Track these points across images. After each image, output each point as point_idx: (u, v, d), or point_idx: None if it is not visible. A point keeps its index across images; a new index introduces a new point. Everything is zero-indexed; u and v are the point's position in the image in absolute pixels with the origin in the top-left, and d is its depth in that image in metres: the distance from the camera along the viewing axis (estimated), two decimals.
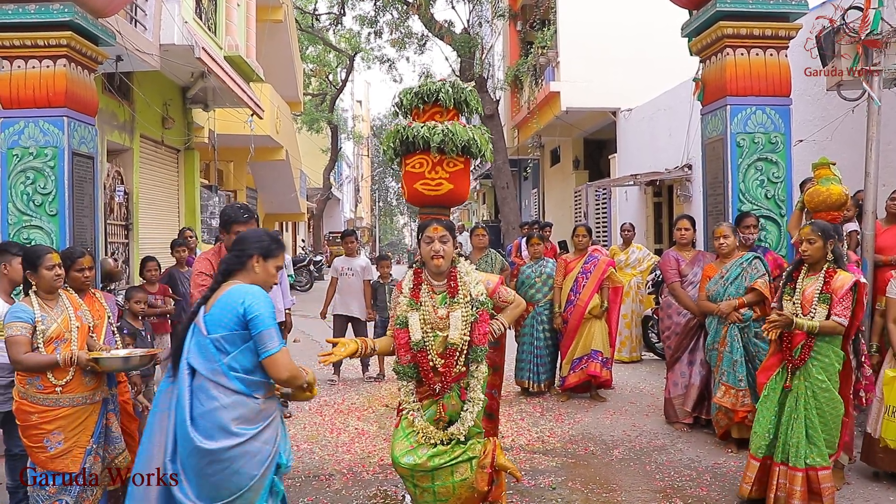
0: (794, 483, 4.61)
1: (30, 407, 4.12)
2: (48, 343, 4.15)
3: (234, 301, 3.16)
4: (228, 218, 4.56)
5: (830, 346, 4.63)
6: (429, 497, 4.00)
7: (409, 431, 3.99)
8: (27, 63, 6.05)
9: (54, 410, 4.14)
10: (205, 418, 3.11)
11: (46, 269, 4.21)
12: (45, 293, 4.25)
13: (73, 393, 4.17)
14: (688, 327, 6.59)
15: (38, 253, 4.27)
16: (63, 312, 4.27)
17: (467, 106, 5.69)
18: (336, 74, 31.47)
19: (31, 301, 4.20)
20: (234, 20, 13.22)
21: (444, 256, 4.02)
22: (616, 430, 6.69)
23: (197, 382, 3.15)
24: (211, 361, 3.14)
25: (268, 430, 3.25)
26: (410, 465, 3.92)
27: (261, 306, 3.17)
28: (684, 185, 12.44)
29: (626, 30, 15.09)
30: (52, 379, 4.12)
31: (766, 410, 4.79)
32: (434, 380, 3.98)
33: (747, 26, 6.40)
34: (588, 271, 7.78)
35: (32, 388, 4.12)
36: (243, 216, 4.56)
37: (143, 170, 11.28)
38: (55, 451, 4.13)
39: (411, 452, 3.93)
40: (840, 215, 5.68)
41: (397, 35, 18.95)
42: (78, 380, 4.19)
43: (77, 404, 4.19)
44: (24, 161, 6.08)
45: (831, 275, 4.64)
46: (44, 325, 4.15)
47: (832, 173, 5.62)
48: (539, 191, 23.05)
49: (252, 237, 3.43)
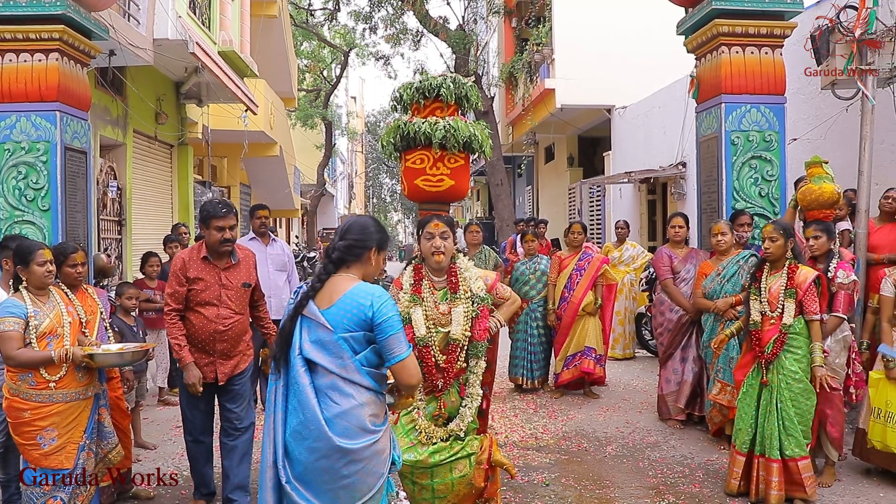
0: (770, 473, 4.72)
1: (22, 404, 4.08)
2: (41, 338, 4.12)
3: (362, 302, 2.93)
4: (207, 213, 4.63)
5: (802, 338, 4.77)
6: (427, 494, 3.99)
7: (410, 429, 3.99)
8: (19, 56, 6.01)
9: (48, 406, 4.10)
10: (343, 417, 2.90)
11: (38, 266, 4.18)
12: (36, 289, 4.22)
13: (66, 388, 4.14)
14: (680, 324, 6.60)
15: (29, 249, 4.23)
16: (55, 308, 4.24)
17: (468, 101, 5.67)
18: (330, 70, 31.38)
19: (23, 296, 4.16)
20: (229, 15, 13.16)
21: (444, 252, 4.05)
22: (609, 426, 6.70)
23: (325, 380, 2.93)
24: (342, 358, 2.93)
25: (389, 427, 3.11)
26: (411, 463, 3.91)
27: (389, 309, 2.95)
28: (678, 183, 12.46)
29: (621, 27, 15.09)
30: (46, 375, 4.08)
31: (747, 406, 4.90)
32: (437, 375, 3.99)
33: (743, 24, 6.40)
34: (582, 268, 7.79)
35: (24, 384, 4.08)
36: (221, 211, 4.62)
37: (136, 165, 11.23)
38: (49, 447, 4.10)
39: (411, 450, 3.93)
40: (832, 213, 5.71)
41: (392, 31, 18.93)
42: (71, 375, 4.16)
43: (70, 400, 4.16)
44: (15, 156, 6.04)
45: (794, 270, 4.84)
46: (37, 320, 4.11)
47: (824, 172, 5.65)
48: (533, 188, 23.06)
49: (370, 227, 3.15)
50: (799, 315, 4.77)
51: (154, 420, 6.99)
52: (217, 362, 4.70)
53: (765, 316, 4.85)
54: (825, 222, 5.55)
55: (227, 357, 4.73)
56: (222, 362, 4.71)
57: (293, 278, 7.52)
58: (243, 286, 4.79)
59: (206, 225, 4.64)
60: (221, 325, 4.66)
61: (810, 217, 5.75)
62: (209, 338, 4.66)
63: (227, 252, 4.71)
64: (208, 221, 4.61)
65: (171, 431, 6.62)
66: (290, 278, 7.43)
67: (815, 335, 4.76)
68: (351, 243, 3.07)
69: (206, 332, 4.65)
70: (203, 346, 4.68)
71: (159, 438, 6.42)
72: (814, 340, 4.75)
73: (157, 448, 6.15)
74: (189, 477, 5.17)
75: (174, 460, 5.85)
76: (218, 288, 4.68)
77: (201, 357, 4.68)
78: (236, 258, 4.78)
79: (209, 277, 4.67)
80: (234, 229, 4.71)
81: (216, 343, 4.66)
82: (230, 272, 4.74)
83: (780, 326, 4.76)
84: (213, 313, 4.65)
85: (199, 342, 4.67)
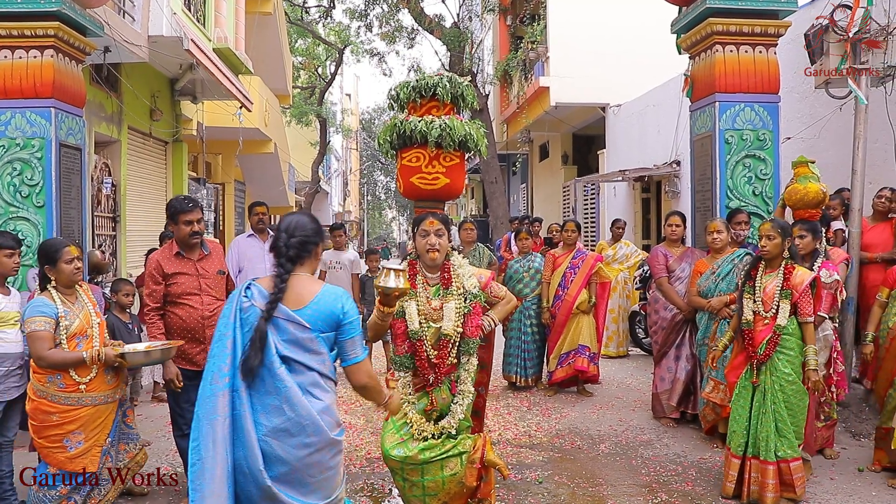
0: (765, 476, 4.72)
1: (50, 406, 4.01)
2: (70, 339, 4.06)
3: (334, 304, 3.03)
4: (175, 209, 4.84)
5: (795, 339, 4.76)
6: (417, 491, 4.01)
7: (401, 424, 4.01)
8: (14, 53, 6.00)
9: (76, 410, 4.03)
10: (327, 412, 3.00)
11: (66, 263, 4.12)
12: (65, 287, 4.16)
13: (95, 392, 4.09)
14: (674, 322, 6.62)
15: (55, 247, 4.17)
16: (83, 308, 4.17)
17: (464, 100, 5.70)
18: (325, 67, 31.33)
19: (53, 296, 4.09)
20: (223, 12, 13.13)
21: (439, 249, 4.09)
22: (602, 424, 6.72)
23: (305, 378, 2.99)
24: (322, 355, 3.03)
25: None
26: (401, 458, 3.93)
27: (355, 311, 3.09)
28: (672, 182, 12.48)
29: (615, 25, 15.12)
30: (76, 376, 4.02)
31: (741, 408, 4.89)
32: (428, 370, 4.03)
33: (737, 23, 6.42)
34: (576, 266, 7.81)
35: (53, 386, 4.00)
36: (188, 205, 4.84)
37: (130, 162, 11.20)
38: (75, 451, 4.04)
39: (402, 445, 3.94)
40: (818, 212, 5.75)
41: (387, 29, 18.93)
42: (100, 377, 4.12)
43: (98, 403, 4.12)
44: (10, 152, 6.03)
45: (790, 270, 4.81)
46: (67, 320, 4.05)
47: (810, 171, 5.69)
48: (528, 186, 23.07)
49: (313, 223, 3.22)
50: (792, 316, 4.77)
51: (147, 416, 7.00)
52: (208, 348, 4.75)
53: (757, 315, 4.84)
54: (811, 221, 5.57)
55: None
56: None
57: None
58: (219, 273, 5.01)
59: (174, 221, 4.86)
60: (207, 310, 4.85)
61: (797, 216, 5.77)
62: (198, 325, 4.82)
63: (197, 244, 4.92)
64: (176, 217, 4.84)
65: (165, 428, 6.61)
66: None
67: (809, 337, 4.76)
68: (303, 240, 3.14)
69: (195, 320, 4.82)
70: (193, 335, 4.83)
71: (153, 435, 6.42)
72: (807, 343, 4.75)
73: (151, 444, 6.15)
74: (182, 474, 5.16)
75: (168, 457, 5.85)
76: (197, 278, 4.88)
77: (193, 346, 4.83)
78: (207, 249, 5.00)
79: (187, 269, 4.87)
80: (201, 222, 4.91)
81: (205, 329, 4.80)
82: (204, 262, 4.95)
83: (774, 327, 4.75)
84: (197, 301, 4.85)
85: (189, 331, 4.82)
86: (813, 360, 4.71)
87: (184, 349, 4.80)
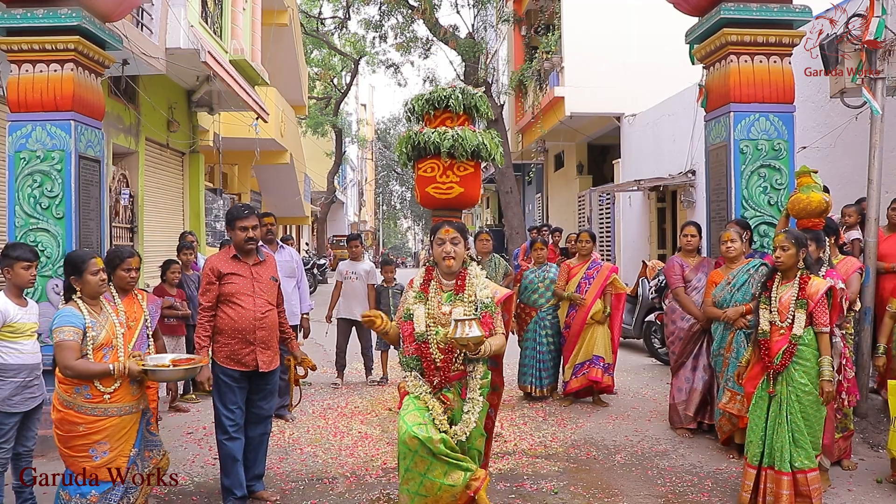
0: (780, 487, 4.69)
1: (77, 417, 4.02)
2: (97, 350, 4.08)
3: None
4: (232, 216, 5.05)
5: (811, 350, 4.75)
6: (413, 485, 4.03)
7: (424, 408, 4.08)
8: (35, 67, 6.09)
9: (102, 420, 4.05)
10: None
11: (91, 275, 4.14)
12: (90, 298, 4.19)
13: (120, 402, 4.10)
14: (691, 332, 6.60)
15: (82, 258, 4.19)
16: (108, 319, 4.20)
17: (477, 111, 5.79)
18: (341, 78, 31.52)
19: (80, 306, 4.11)
20: (240, 24, 13.26)
21: (455, 258, 4.20)
22: (618, 435, 6.71)
23: None
24: None
25: None
26: (424, 438, 3.96)
27: None
28: (688, 191, 12.47)
29: (630, 35, 15.13)
30: (101, 387, 4.03)
31: (758, 419, 4.87)
32: (434, 373, 4.11)
33: (751, 33, 6.42)
34: (591, 277, 7.80)
35: (80, 397, 4.02)
36: (244, 212, 5.03)
37: (148, 173, 11.32)
38: (101, 460, 4.05)
39: (425, 427, 4.00)
40: (821, 221, 5.74)
41: (402, 39, 19.01)
42: (125, 388, 4.12)
43: (124, 413, 4.12)
44: (31, 164, 6.12)
45: (805, 281, 4.81)
46: (94, 331, 4.07)
47: (813, 181, 5.69)
48: (543, 195, 23.08)
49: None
50: (808, 326, 4.76)
51: (165, 426, 7.03)
52: (258, 349, 4.97)
53: (773, 326, 4.83)
54: (814, 231, 5.57)
55: (267, 346, 5.02)
56: (262, 350, 4.99)
57: (302, 285, 7.64)
58: (272, 279, 5.16)
59: (231, 227, 5.04)
60: (259, 312, 4.98)
61: (800, 226, 5.76)
62: (249, 326, 4.93)
63: (252, 250, 5.07)
64: (233, 223, 5.02)
65: (183, 438, 6.67)
66: (300, 285, 7.55)
67: (825, 348, 4.73)
68: None
69: (247, 321, 4.93)
70: (244, 336, 4.94)
71: (171, 445, 6.45)
72: (822, 354, 4.72)
73: (169, 454, 6.18)
74: (201, 483, 5.21)
75: (184, 466, 5.89)
76: (251, 281, 5.02)
77: (243, 347, 4.94)
78: (262, 256, 5.16)
79: (241, 271, 5.02)
80: (257, 229, 5.08)
81: (257, 330, 4.94)
82: (258, 268, 5.10)
83: (790, 337, 4.73)
84: (250, 303, 4.96)
85: (240, 332, 4.92)
86: (828, 370, 4.69)
87: (233, 350, 4.91)
